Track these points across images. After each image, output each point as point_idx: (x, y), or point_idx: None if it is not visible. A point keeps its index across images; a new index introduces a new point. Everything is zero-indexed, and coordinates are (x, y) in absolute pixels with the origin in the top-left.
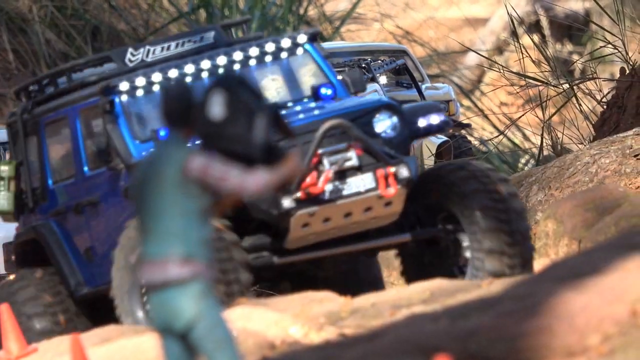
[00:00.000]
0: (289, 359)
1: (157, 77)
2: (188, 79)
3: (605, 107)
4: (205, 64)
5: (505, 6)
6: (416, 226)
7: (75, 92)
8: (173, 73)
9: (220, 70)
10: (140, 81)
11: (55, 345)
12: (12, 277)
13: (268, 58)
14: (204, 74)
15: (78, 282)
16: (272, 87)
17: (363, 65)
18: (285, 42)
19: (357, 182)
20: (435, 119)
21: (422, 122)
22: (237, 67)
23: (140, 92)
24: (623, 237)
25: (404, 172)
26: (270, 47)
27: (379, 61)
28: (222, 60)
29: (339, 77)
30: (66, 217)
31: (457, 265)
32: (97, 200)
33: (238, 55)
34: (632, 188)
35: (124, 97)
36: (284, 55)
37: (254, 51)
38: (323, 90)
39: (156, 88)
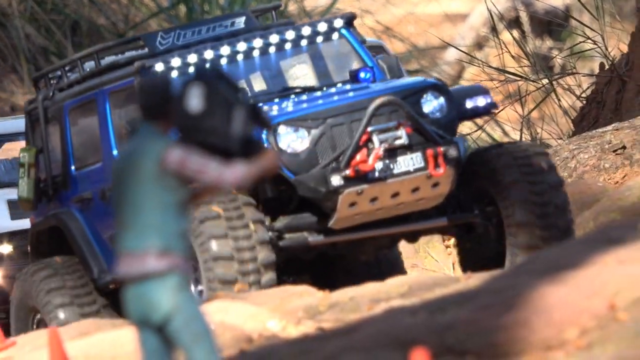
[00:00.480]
0: (266, 352)
1: (192, 58)
2: (223, 61)
3: (584, 102)
4: (241, 46)
5: (485, 2)
6: (457, 211)
7: (104, 75)
8: (209, 54)
9: (256, 53)
10: (176, 62)
11: (34, 338)
12: (33, 265)
13: (304, 42)
14: (239, 57)
15: (101, 269)
16: (308, 72)
17: None
18: (322, 27)
19: (406, 161)
20: (482, 101)
21: (469, 104)
22: (272, 50)
23: (175, 73)
24: (601, 232)
25: (453, 152)
26: (306, 31)
27: None
28: (258, 42)
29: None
30: (90, 203)
31: (498, 251)
32: None
33: (274, 38)
34: (611, 183)
35: None
36: (319, 39)
37: (290, 35)
38: (362, 75)
39: (191, 69)
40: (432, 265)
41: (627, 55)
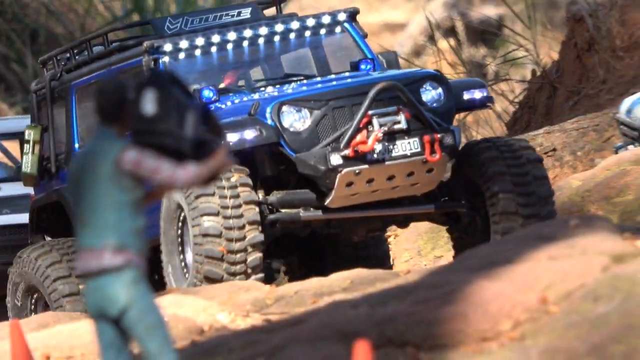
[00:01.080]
0: (216, 343)
1: (200, 41)
2: (229, 46)
3: (517, 107)
4: (247, 32)
5: (424, 12)
6: (447, 200)
7: (113, 56)
8: (216, 38)
9: (261, 40)
10: (184, 44)
11: None
12: (34, 243)
13: (308, 33)
14: (245, 43)
15: None
16: (311, 62)
17: None
18: (325, 19)
19: (404, 145)
20: (478, 94)
21: (466, 96)
22: (277, 38)
23: (182, 55)
24: (533, 229)
25: (449, 139)
26: (310, 22)
27: None
28: (263, 30)
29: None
30: None
31: (483, 241)
32: None
33: (279, 27)
34: None
35: (167, 58)
36: (323, 31)
37: (294, 25)
38: (363, 66)
39: (197, 52)
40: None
41: (557, 62)
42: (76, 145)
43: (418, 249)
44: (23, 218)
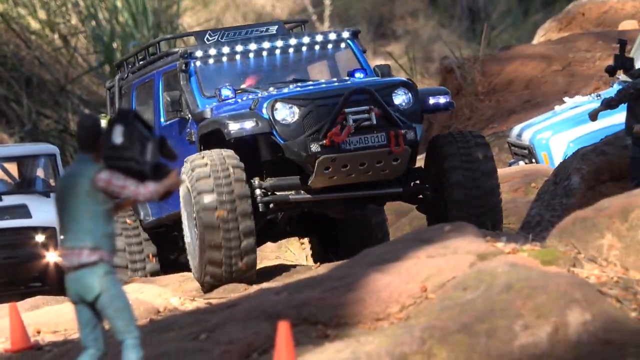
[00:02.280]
0: (170, 322)
1: (226, 49)
2: (251, 55)
3: None
4: (266, 44)
5: None
6: (414, 184)
7: (161, 60)
8: (239, 48)
9: (277, 51)
10: (212, 51)
11: None
12: None
13: (316, 47)
14: (264, 53)
15: (147, 213)
16: (318, 71)
17: None
18: (332, 36)
19: (372, 138)
20: (442, 99)
21: (432, 100)
22: (291, 51)
23: (211, 60)
24: (415, 233)
25: (411, 135)
26: (319, 38)
27: None
28: (279, 43)
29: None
30: None
31: (444, 219)
32: None
33: (292, 41)
34: None
35: (198, 63)
36: (329, 46)
37: (305, 39)
38: (357, 74)
39: (224, 59)
40: (291, 257)
41: None
42: None
43: None
44: (20, 223)
